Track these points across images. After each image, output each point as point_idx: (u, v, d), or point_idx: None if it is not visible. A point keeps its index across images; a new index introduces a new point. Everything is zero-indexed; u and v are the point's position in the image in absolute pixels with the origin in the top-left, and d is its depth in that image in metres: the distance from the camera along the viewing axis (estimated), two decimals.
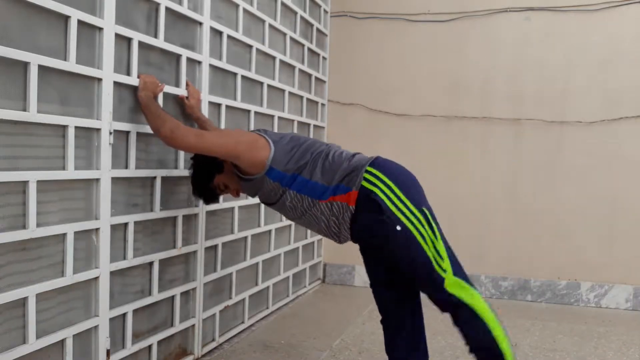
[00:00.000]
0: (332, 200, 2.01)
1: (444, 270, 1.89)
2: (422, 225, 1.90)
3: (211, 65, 2.69)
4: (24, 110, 1.70)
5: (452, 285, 1.89)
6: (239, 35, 2.92)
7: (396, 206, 1.91)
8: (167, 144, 2.14)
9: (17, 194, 1.70)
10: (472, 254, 4.12)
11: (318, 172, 2.03)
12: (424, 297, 2.11)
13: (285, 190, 2.07)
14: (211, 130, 2.23)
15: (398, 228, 1.90)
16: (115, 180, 2.07)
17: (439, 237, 1.92)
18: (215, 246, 2.79)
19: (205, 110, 2.62)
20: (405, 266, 1.98)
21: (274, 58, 3.38)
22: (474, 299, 1.90)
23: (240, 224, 3.01)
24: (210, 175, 2.21)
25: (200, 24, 2.59)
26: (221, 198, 2.80)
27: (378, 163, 2.02)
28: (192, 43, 2.56)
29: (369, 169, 1.98)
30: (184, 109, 2.48)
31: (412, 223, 1.90)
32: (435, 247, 1.90)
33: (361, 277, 4.24)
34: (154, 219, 2.31)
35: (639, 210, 3.83)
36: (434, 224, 1.93)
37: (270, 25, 3.30)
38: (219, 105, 2.78)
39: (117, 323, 2.15)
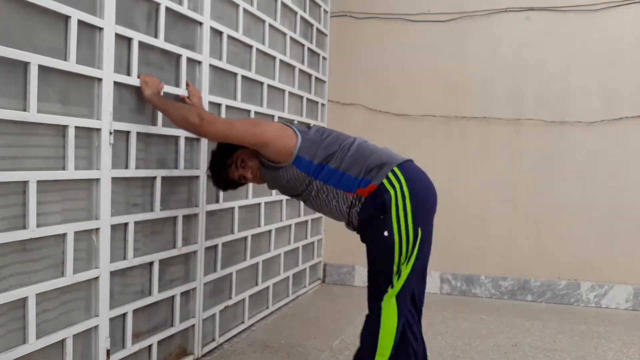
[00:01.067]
0: (358, 194, 2.03)
1: (392, 287, 1.95)
2: (408, 244, 1.95)
3: (211, 65, 2.69)
4: (24, 110, 1.70)
5: (386, 301, 1.95)
6: (239, 35, 2.92)
7: (397, 215, 1.94)
8: (194, 132, 2.17)
9: (18, 194, 1.70)
10: (472, 254, 4.13)
11: (346, 162, 2.03)
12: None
13: (312, 180, 2.06)
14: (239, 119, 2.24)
15: (385, 233, 1.95)
16: (115, 180, 2.07)
17: (410, 262, 1.95)
18: (215, 246, 2.79)
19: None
20: (373, 263, 2.03)
21: (274, 58, 3.38)
22: (390, 322, 1.95)
23: (240, 224, 3.01)
24: (232, 148, 2.18)
25: (200, 24, 2.59)
26: (221, 198, 2.81)
27: (406, 167, 2.02)
28: (192, 43, 2.56)
29: (396, 169, 1.99)
30: None
31: (400, 237, 1.94)
32: (400, 267, 1.95)
33: (361, 277, 4.24)
34: (154, 219, 2.31)
35: (639, 210, 3.83)
36: (416, 248, 1.95)
37: (270, 25, 3.30)
38: (219, 105, 2.78)
39: (117, 323, 2.15)
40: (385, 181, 1.97)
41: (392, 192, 1.95)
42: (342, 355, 2.84)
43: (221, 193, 2.80)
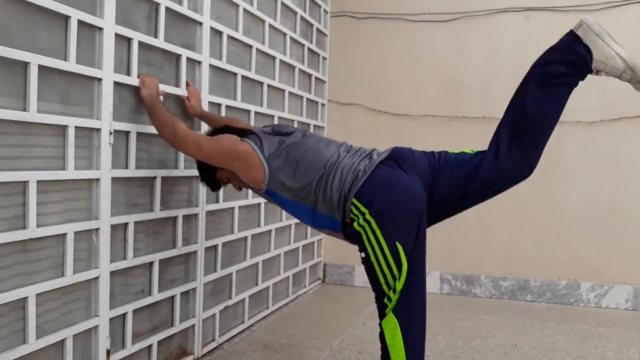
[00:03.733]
0: (327, 230, 2.07)
1: (390, 301, 1.91)
2: (387, 261, 1.89)
3: (211, 65, 2.69)
4: (24, 110, 1.70)
5: (388, 320, 1.91)
6: (239, 35, 2.92)
7: (368, 238, 1.92)
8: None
9: (18, 194, 1.70)
10: (472, 254, 4.13)
11: (320, 203, 2.01)
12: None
13: (285, 209, 2.13)
14: (209, 138, 2.15)
15: (362, 255, 1.95)
16: (115, 180, 2.07)
17: (402, 277, 1.88)
18: (215, 246, 2.79)
19: (204, 110, 2.62)
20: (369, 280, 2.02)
21: (274, 58, 3.38)
22: (395, 342, 1.90)
23: (240, 224, 3.01)
24: (213, 168, 2.20)
25: (200, 24, 2.59)
26: (221, 198, 2.81)
27: (367, 188, 1.93)
28: (192, 43, 2.56)
29: (354, 201, 1.93)
30: (186, 110, 2.48)
31: (377, 256, 1.90)
32: (393, 284, 1.90)
33: (361, 277, 4.24)
34: (154, 219, 2.31)
35: (639, 210, 3.83)
36: (404, 261, 1.88)
37: (270, 25, 3.30)
38: (219, 105, 2.78)
39: (117, 323, 2.15)
40: (351, 215, 1.96)
41: (356, 220, 1.94)
42: (342, 355, 2.84)
43: (221, 193, 2.81)
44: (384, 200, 1.92)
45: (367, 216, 1.91)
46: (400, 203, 1.93)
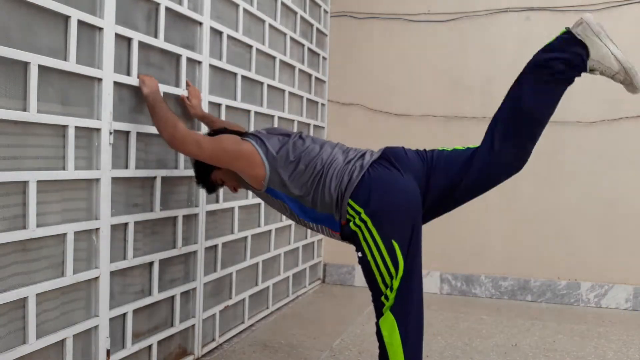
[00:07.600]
0: (326, 229, 2.10)
1: (387, 300, 1.94)
2: (383, 259, 1.92)
3: (211, 65, 2.69)
4: (24, 110, 1.70)
5: (385, 319, 1.94)
6: (239, 35, 2.92)
7: (364, 238, 1.95)
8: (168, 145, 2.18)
9: (18, 194, 1.70)
10: (472, 254, 4.13)
11: (319, 203, 2.03)
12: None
13: (287, 206, 2.12)
14: (210, 138, 2.15)
15: (359, 255, 1.98)
16: (115, 180, 2.07)
17: (398, 275, 1.91)
18: (215, 246, 2.79)
19: (205, 111, 2.62)
20: (366, 280, 2.04)
21: (274, 58, 3.38)
22: (393, 340, 1.92)
23: (240, 224, 3.01)
24: (208, 169, 2.21)
25: (200, 24, 2.59)
26: (221, 198, 2.81)
27: (360, 191, 1.96)
28: (192, 43, 2.56)
29: (350, 202, 1.97)
30: (186, 110, 2.48)
31: (373, 255, 1.93)
32: (390, 282, 1.92)
33: (361, 277, 4.22)
34: (154, 219, 2.31)
35: (639, 211, 3.83)
36: (400, 259, 1.91)
37: (270, 25, 3.30)
38: (219, 105, 2.78)
39: (117, 323, 2.15)
40: (348, 215, 1.99)
41: (352, 220, 1.97)
42: (342, 355, 2.84)
43: (221, 193, 2.81)
44: (379, 200, 1.95)
45: (363, 215, 1.94)
46: (395, 202, 1.96)
